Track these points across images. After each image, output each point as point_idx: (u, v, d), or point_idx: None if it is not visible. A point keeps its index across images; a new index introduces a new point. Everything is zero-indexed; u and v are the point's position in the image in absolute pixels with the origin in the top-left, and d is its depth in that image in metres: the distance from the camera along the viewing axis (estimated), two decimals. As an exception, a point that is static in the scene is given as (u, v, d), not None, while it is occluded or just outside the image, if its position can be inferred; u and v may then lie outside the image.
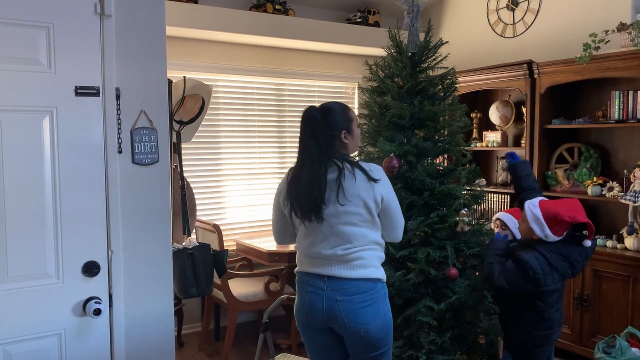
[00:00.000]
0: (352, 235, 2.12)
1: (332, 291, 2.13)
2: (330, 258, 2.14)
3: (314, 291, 2.17)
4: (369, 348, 2.15)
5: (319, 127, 2.14)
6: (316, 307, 2.16)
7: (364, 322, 2.10)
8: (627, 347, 2.99)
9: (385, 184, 2.16)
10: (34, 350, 1.88)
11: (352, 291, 2.11)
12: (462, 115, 3.01)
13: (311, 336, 2.27)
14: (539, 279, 2.42)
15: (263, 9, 4.34)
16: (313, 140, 2.14)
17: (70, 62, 1.88)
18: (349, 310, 2.11)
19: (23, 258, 1.85)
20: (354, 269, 2.12)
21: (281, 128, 4.85)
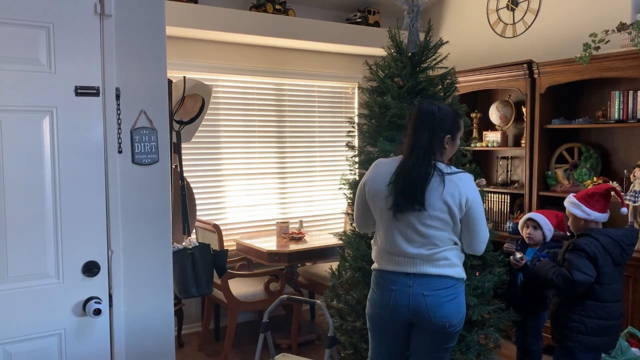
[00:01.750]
0: (436, 237, 2.20)
1: (419, 287, 2.21)
2: (415, 257, 2.22)
3: (398, 289, 2.24)
4: (444, 341, 2.26)
5: (435, 123, 2.20)
6: (401, 303, 2.23)
7: (448, 316, 2.21)
8: (627, 347, 2.99)
9: (471, 191, 2.19)
10: (34, 350, 1.88)
11: (438, 286, 2.21)
12: (462, 115, 3.01)
13: (386, 331, 2.34)
14: (597, 258, 2.58)
15: (263, 9, 4.34)
16: (426, 133, 2.18)
17: (70, 62, 1.88)
18: (435, 304, 2.20)
19: (23, 258, 1.85)
20: (440, 267, 2.21)
21: (281, 128, 4.85)
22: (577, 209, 2.72)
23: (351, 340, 2.98)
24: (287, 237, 4.36)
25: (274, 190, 4.85)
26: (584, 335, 2.62)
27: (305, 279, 4.45)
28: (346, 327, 3.03)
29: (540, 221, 3.05)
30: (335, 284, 3.18)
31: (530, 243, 3.13)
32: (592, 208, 2.70)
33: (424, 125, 2.20)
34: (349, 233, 3.15)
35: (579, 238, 2.69)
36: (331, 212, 5.14)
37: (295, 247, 4.12)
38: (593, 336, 2.62)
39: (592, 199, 2.71)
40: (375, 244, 2.35)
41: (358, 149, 3.17)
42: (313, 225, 5.03)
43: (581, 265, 2.57)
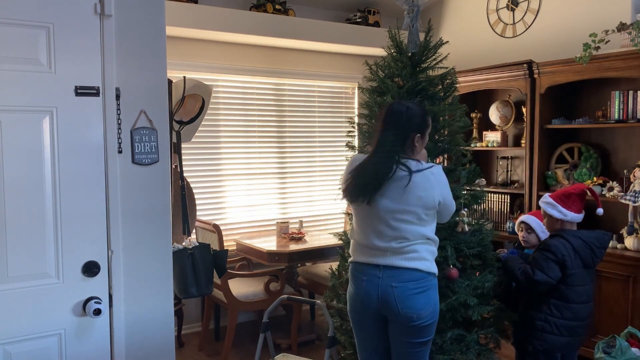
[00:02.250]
0: (408, 232, 2.26)
1: (388, 278, 2.28)
2: (386, 250, 2.27)
3: (369, 280, 2.31)
4: (415, 335, 2.29)
5: (402, 123, 2.26)
6: (372, 294, 2.30)
7: (415, 308, 2.25)
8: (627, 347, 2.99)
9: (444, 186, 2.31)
10: (34, 350, 1.88)
11: (407, 278, 2.26)
12: (462, 115, 3.01)
13: (362, 323, 2.41)
14: (565, 260, 2.59)
15: (263, 9, 4.34)
16: (392, 133, 2.26)
17: (70, 62, 1.88)
18: (403, 296, 2.25)
19: (23, 258, 1.85)
20: (409, 260, 2.27)
21: (281, 128, 4.85)
22: (553, 210, 2.72)
23: (351, 340, 2.98)
24: (287, 237, 4.36)
25: (274, 190, 4.85)
26: (548, 334, 2.64)
27: (305, 279, 4.45)
28: (346, 327, 3.02)
29: (533, 224, 3.04)
30: (335, 284, 3.17)
31: (526, 245, 3.14)
32: (569, 209, 2.70)
33: (392, 124, 2.27)
34: (349, 233, 3.15)
35: (550, 238, 2.70)
36: (331, 212, 5.14)
37: (295, 247, 4.12)
38: (557, 335, 2.64)
39: (568, 200, 2.71)
40: (352, 237, 2.43)
41: (358, 149, 3.17)
42: (313, 225, 5.03)
43: (545, 266, 2.59)
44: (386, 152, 2.25)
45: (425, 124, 2.33)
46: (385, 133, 2.28)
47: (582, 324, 2.69)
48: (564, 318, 2.64)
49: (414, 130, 2.28)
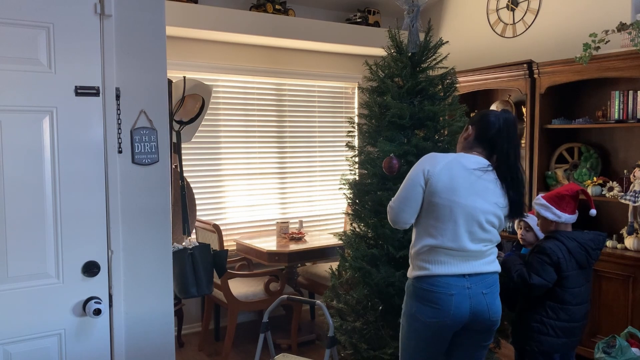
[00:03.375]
0: (494, 235, 2.25)
1: (477, 285, 2.21)
2: (472, 254, 2.20)
3: (458, 292, 2.16)
4: (491, 336, 2.30)
5: (516, 135, 2.30)
6: (463, 307, 2.16)
7: (498, 309, 2.26)
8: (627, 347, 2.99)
9: None
10: (34, 350, 1.88)
11: (490, 282, 2.25)
12: (462, 115, 3.01)
13: (440, 338, 2.22)
14: (560, 262, 2.57)
15: (263, 9, 4.34)
16: (512, 145, 2.28)
17: (70, 62, 1.88)
18: (490, 301, 2.22)
19: (23, 258, 1.84)
20: (489, 264, 2.25)
21: (281, 128, 4.85)
22: (547, 212, 2.69)
23: (351, 340, 2.98)
24: (287, 237, 4.36)
25: (274, 190, 4.85)
26: (544, 336, 2.63)
27: (305, 279, 4.45)
28: (346, 327, 3.03)
29: (531, 223, 3.05)
30: (335, 284, 3.18)
31: (524, 244, 3.14)
32: (563, 210, 2.67)
33: (507, 137, 2.27)
34: (349, 233, 3.15)
35: (545, 241, 2.67)
36: (331, 212, 5.14)
37: (295, 247, 4.12)
38: (554, 337, 2.63)
39: (562, 201, 2.68)
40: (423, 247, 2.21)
41: (358, 149, 3.17)
42: (313, 225, 5.03)
43: (540, 270, 2.57)
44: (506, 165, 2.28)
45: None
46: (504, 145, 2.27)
47: (578, 325, 2.68)
48: (560, 320, 2.63)
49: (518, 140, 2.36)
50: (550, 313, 2.62)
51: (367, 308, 2.98)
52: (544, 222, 2.75)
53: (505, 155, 2.24)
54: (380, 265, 2.84)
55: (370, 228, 3.00)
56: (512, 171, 2.24)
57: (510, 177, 2.23)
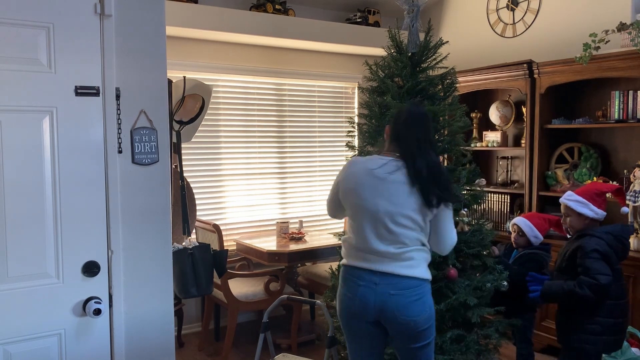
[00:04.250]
0: (406, 237, 2.22)
1: (386, 286, 2.23)
2: (383, 255, 2.24)
3: (366, 285, 2.26)
4: (415, 339, 2.27)
5: (428, 126, 2.27)
6: (368, 300, 2.25)
7: (412, 315, 2.23)
8: (627, 347, 2.99)
9: None
10: (34, 350, 1.88)
11: (404, 286, 2.23)
12: (462, 115, 3.01)
13: (356, 327, 2.35)
14: (610, 256, 2.54)
15: (263, 9, 4.34)
16: (429, 131, 2.27)
17: (70, 62, 1.88)
18: (401, 304, 2.22)
19: (23, 258, 1.85)
20: (406, 268, 2.23)
21: (281, 128, 4.85)
22: (584, 208, 2.65)
23: (351, 340, 2.98)
24: (287, 237, 4.36)
25: (273, 190, 4.85)
26: (600, 336, 2.56)
27: (305, 279, 4.45)
28: (346, 327, 3.02)
29: (525, 229, 3.04)
30: (335, 284, 3.17)
31: (516, 247, 3.14)
32: (600, 207, 2.66)
33: (412, 128, 2.25)
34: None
35: (582, 239, 2.61)
36: (331, 212, 5.13)
37: (295, 247, 4.12)
38: (610, 335, 2.58)
39: (599, 198, 2.66)
40: (346, 240, 2.38)
41: (358, 149, 3.17)
42: (313, 225, 5.02)
43: (601, 268, 2.51)
44: (411, 157, 2.24)
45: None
46: (408, 136, 2.25)
47: (626, 320, 2.65)
48: (614, 317, 2.57)
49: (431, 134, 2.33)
50: (606, 311, 2.56)
51: (367, 308, 2.98)
52: (578, 219, 2.69)
53: (412, 150, 2.21)
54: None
55: (370, 228, 3.00)
56: (428, 166, 2.20)
57: (426, 172, 2.19)
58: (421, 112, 2.29)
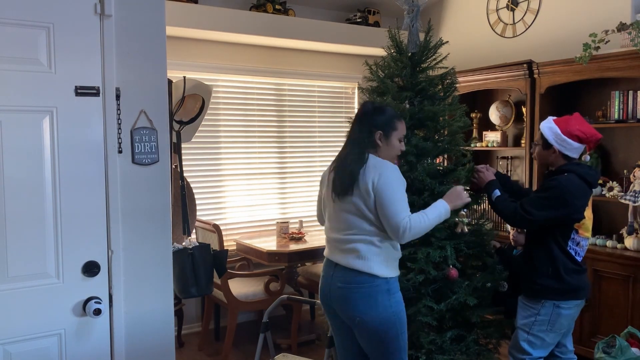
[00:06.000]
0: (352, 223, 2.28)
1: (336, 277, 2.32)
2: (333, 242, 2.36)
3: (324, 275, 2.40)
4: (370, 337, 2.29)
5: (366, 119, 2.35)
6: (324, 291, 2.38)
7: (357, 311, 2.25)
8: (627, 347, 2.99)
9: (383, 174, 2.23)
10: (34, 350, 1.88)
11: (349, 280, 2.27)
12: (462, 115, 3.00)
13: (329, 318, 2.47)
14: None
15: (263, 9, 4.34)
16: (357, 128, 2.36)
17: (70, 62, 1.88)
18: (344, 298, 2.28)
19: (23, 258, 1.85)
20: (352, 260, 2.27)
21: (281, 128, 4.85)
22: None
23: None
24: (287, 237, 4.36)
25: (273, 190, 4.85)
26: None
27: (305, 279, 4.45)
28: (346, 327, 3.03)
29: None
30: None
31: (515, 245, 3.14)
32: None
33: (356, 121, 2.39)
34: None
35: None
36: (331, 212, 5.13)
37: (295, 247, 4.12)
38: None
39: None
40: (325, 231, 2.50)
41: (358, 149, 3.16)
42: (313, 225, 5.01)
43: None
44: (349, 144, 2.36)
45: (391, 124, 2.35)
46: (352, 128, 2.40)
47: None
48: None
49: (376, 127, 2.33)
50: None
51: (367, 308, 2.98)
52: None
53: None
54: (380, 265, 2.84)
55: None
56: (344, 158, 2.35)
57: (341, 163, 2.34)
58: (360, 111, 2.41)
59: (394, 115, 2.38)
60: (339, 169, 2.33)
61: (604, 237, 3.78)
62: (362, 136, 2.32)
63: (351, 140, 2.36)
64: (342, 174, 2.30)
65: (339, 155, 2.40)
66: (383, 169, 2.25)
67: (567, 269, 2.58)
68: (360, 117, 2.38)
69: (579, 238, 2.79)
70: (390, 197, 2.21)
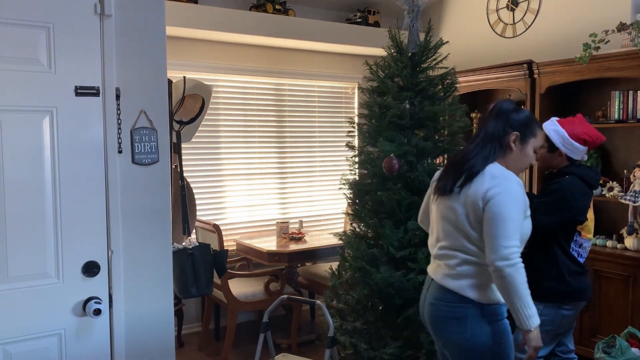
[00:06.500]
0: (449, 234, 2.03)
1: (429, 294, 2.13)
2: (432, 253, 2.14)
3: (423, 289, 2.21)
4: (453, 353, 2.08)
5: (504, 116, 2.06)
6: (421, 306, 2.20)
7: (442, 333, 2.06)
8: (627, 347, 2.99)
9: (503, 191, 1.92)
10: (34, 350, 1.88)
11: (439, 297, 2.06)
12: (462, 115, 3.01)
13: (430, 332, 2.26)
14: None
15: (263, 9, 4.34)
16: (492, 123, 2.06)
17: (70, 62, 1.88)
18: (432, 316, 2.10)
19: (23, 258, 1.84)
20: (444, 277, 2.05)
21: (281, 128, 4.85)
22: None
23: (351, 340, 2.98)
24: (287, 237, 4.36)
25: (274, 190, 4.85)
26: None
27: (305, 279, 4.45)
28: (346, 327, 3.03)
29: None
30: (335, 284, 3.18)
31: None
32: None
33: (490, 118, 2.09)
34: (349, 233, 3.15)
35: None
36: (331, 212, 5.14)
37: (295, 247, 4.12)
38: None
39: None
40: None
41: (358, 149, 3.17)
42: (313, 225, 5.03)
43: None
44: (475, 141, 2.09)
45: (531, 129, 2.07)
46: (483, 124, 2.10)
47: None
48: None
49: (515, 127, 2.04)
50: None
51: (367, 308, 2.98)
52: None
53: None
54: (380, 265, 2.84)
55: (370, 228, 3.00)
56: (465, 152, 2.14)
57: (458, 158, 2.14)
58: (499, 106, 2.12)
59: (534, 120, 2.10)
60: (453, 164, 2.07)
61: (604, 237, 3.78)
62: (496, 133, 2.03)
63: (480, 136, 2.06)
64: (454, 169, 2.04)
65: (461, 150, 2.14)
66: (504, 183, 1.94)
67: (570, 271, 2.57)
68: (496, 113, 2.07)
69: (581, 240, 2.78)
70: (503, 218, 1.90)
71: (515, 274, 1.88)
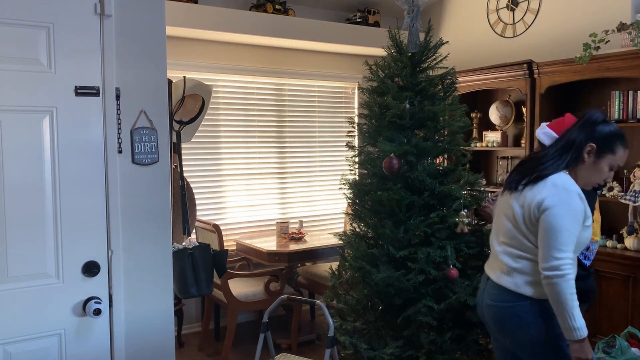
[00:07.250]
0: (507, 231, 2.07)
1: (486, 293, 2.16)
2: (491, 251, 2.18)
3: (479, 288, 2.26)
4: (521, 350, 2.10)
5: (589, 126, 2.06)
6: (478, 305, 2.24)
7: (506, 333, 2.08)
8: (627, 347, 2.99)
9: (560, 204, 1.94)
10: (34, 350, 1.88)
11: (497, 297, 2.09)
12: (462, 115, 3.01)
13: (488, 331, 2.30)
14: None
15: (263, 9, 4.34)
16: (575, 132, 2.07)
17: (70, 62, 1.88)
18: (492, 317, 2.12)
19: (23, 258, 1.84)
20: (500, 275, 2.08)
21: (281, 128, 4.85)
22: None
23: (351, 340, 2.98)
24: (287, 237, 4.36)
25: (274, 190, 4.85)
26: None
27: (305, 279, 4.45)
28: (346, 327, 3.03)
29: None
30: (335, 284, 3.18)
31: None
32: None
33: (580, 125, 2.09)
34: (349, 233, 3.15)
35: None
36: (331, 212, 5.14)
37: (295, 247, 4.12)
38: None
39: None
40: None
41: (358, 149, 3.17)
42: (313, 225, 5.02)
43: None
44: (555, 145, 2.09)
45: (610, 145, 2.06)
46: (569, 129, 2.11)
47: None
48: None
49: (594, 139, 2.04)
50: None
51: (367, 308, 2.98)
52: None
53: None
54: (380, 265, 2.84)
55: (370, 228, 3.00)
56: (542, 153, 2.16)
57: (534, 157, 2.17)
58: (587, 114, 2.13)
59: (621, 138, 2.08)
60: (529, 161, 2.09)
61: (604, 237, 3.78)
62: (576, 142, 2.04)
63: (562, 142, 2.07)
64: (528, 167, 2.06)
65: (543, 149, 2.15)
66: (562, 193, 1.95)
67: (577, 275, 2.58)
68: (582, 122, 2.08)
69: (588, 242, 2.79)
70: (558, 230, 1.92)
71: (564, 284, 1.90)
